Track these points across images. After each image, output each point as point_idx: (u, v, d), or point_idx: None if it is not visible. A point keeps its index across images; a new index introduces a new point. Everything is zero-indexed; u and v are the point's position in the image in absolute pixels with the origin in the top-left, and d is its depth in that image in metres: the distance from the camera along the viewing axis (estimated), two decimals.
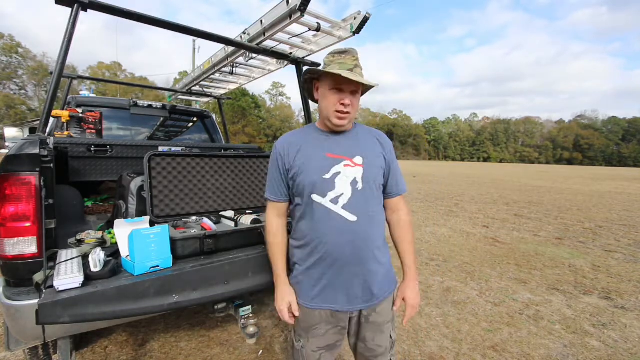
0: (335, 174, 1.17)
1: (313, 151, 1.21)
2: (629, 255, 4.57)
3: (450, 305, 2.96)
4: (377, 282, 1.21)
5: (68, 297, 1.14)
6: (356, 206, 1.16)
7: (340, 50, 1.18)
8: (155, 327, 2.49)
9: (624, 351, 2.30)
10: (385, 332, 1.28)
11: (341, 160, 1.18)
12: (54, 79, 1.57)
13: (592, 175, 26.31)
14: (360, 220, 1.16)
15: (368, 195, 1.18)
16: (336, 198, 1.16)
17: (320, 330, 1.23)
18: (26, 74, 44.08)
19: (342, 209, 1.15)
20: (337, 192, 1.16)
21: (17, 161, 1.29)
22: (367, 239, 1.17)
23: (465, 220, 6.90)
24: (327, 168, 1.17)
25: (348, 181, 1.17)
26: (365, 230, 1.16)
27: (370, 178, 1.18)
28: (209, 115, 4.37)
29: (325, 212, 1.16)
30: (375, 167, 1.21)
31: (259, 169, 2.28)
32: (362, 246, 1.16)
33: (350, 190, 1.16)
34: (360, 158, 1.19)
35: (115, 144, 2.61)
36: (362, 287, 1.19)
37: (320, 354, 1.26)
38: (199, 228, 1.65)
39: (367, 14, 2.13)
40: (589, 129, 77.82)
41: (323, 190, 1.16)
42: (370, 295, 1.21)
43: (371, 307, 1.23)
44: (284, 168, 1.23)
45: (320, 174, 1.17)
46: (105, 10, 1.71)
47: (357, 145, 1.22)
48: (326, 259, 1.17)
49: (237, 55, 2.76)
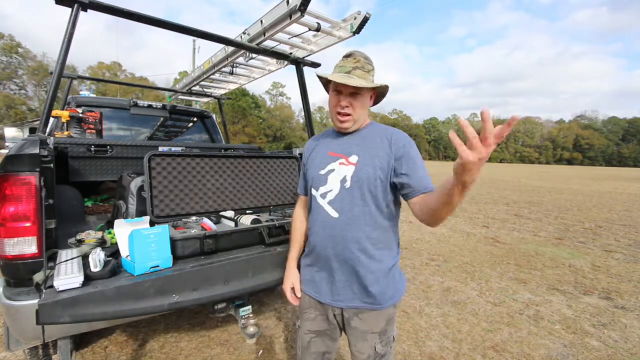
0: (330, 171, 1.23)
1: (321, 149, 1.31)
2: (629, 255, 4.57)
3: (450, 305, 2.96)
4: (361, 286, 1.18)
5: (68, 297, 1.14)
6: (340, 203, 1.19)
7: (347, 54, 1.22)
8: (155, 327, 2.49)
9: (624, 351, 2.30)
10: (368, 340, 1.21)
11: (337, 158, 1.23)
12: (54, 79, 1.58)
13: (592, 175, 26.31)
14: (341, 217, 1.18)
15: (355, 194, 1.17)
16: (325, 193, 1.23)
17: (310, 314, 1.30)
18: (26, 74, 44.08)
19: (327, 204, 1.21)
20: (327, 187, 1.22)
21: (17, 161, 1.29)
22: (347, 237, 1.17)
23: (465, 220, 6.90)
24: (324, 165, 1.25)
25: (339, 178, 1.20)
26: (345, 228, 1.17)
27: (360, 177, 1.17)
28: (209, 115, 4.37)
29: (316, 205, 1.25)
30: (370, 167, 1.16)
31: (259, 169, 2.28)
32: (341, 243, 1.18)
33: (338, 187, 1.20)
34: (356, 157, 1.20)
35: (115, 144, 2.61)
36: (344, 285, 1.20)
37: (311, 338, 1.32)
38: (199, 228, 1.65)
39: (367, 14, 2.13)
40: (589, 129, 77.83)
41: (317, 184, 1.25)
42: (351, 295, 1.19)
43: (353, 309, 1.20)
44: (304, 166, 1.39)
45: (318, 170, 1.26)
46: (105, 10, 1.71)
47: (358, 144, 1.22)
48: (315, 249, 1.26)
49: (237, 55, 2.76)
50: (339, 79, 1.12)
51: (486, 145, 0.75)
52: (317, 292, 1.27)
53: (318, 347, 1.32)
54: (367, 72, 1.17)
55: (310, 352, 1.33)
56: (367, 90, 1.19)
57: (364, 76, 1.16)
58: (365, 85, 1.12)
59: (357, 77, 1.14)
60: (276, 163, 2.38)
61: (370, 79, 1.18)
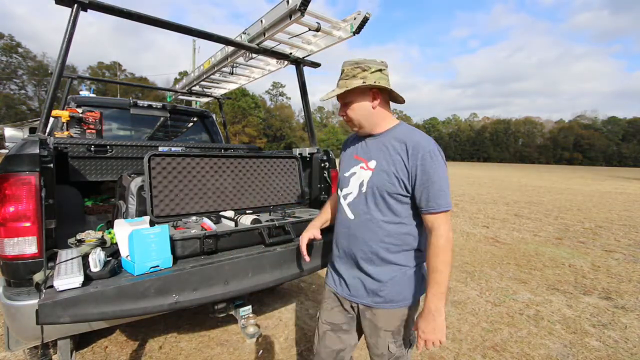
0: (352, 174, 1.29)
1: (349, 151, 1.37)
2: (629, 255, 4.57)
3: (451, 305, 2.96)
4: (372, 286, 1.21)
5: (68, 297, 1.14)
6: (356, 206, 1.25)
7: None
8: (155, 327, 2.49)
9: (624, 351, 2.30)
10: (382, 337, 1.24)
11: (359, 162, 1.28)
12: (54, 79, 1.57)
13: (592, 175, 26.31)
14: (356, 219, 1.24)
15: (369, 199, 1.20)
16: (346, 195, 1.30)
17: (328, 305, 1.38)
18: (26, 74, 44.10)
19: (347, 206, 1.29)
20: (348, 189, 1.29)
21: (17, 161, 1.29)
22: (359, 239, 1.23)
23: (466, 220, 6.90)
24: (349, 167, 1.32)
25: (358, 182, 1.25)
26: (358, 230, 1.23)
27: (375, 183, 1.19)
28: (209, 115, 4.36)
29: (340, 205, 1.33)
30: (386, 173, 1.16)
31: (259, 169, 2.28)
32: (354, 243, 1.25)
33: (357, 191, 1.25)
34: (374, 162, 1.22)
35: (115, 144, 2.61)
36: (357, 282, 1.26)
37: (326, 330, 1.37)
38: (199, 228, 1.65)
39: (367, 14, 2.13)
40: (589, 129, 77.71)
41: (342, 185, 1.33)
42: (364, 293, 1.25)
43: (367, 306, 1.24)
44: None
45: (344, 172, 1.34)
46: (105, 10, 1.71)
47: (380, 149, 1.22)
48: (336, 244, 1.35)
49: (237, 55, 2.76)
50: (324, 97, 1.27)
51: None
52: (335, 285, 1.35)
53: (333, 342, 1.36)
54: (352, 77, 1.17)
55: (324, 345, 1.38)
56: (355, 95, 1.20)
57: (345, 84, 1.18)
58: (332, 95, 1.21)
59: (340, 87, 1.19)
60: (276, 163, 2.38)
61: (356, 82, 1.15)
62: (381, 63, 1.20)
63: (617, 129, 76.81)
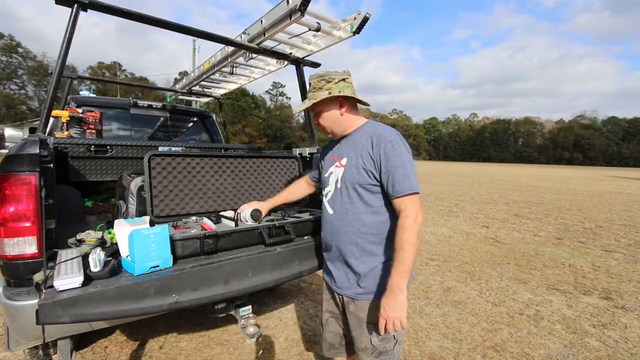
0: (330, 173, 1.40)
1: (329, 155, 1.48)
2: (629, 255, 4.57)
3: (450, 305, 2.96)
4: (354, 276, 1.30)
5: (68, 297, 1.14)
6: (334, 202, 1.36)
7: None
8: (155, 327, 2.49)
9: (624, 351, 2.30)
10: (364, 329, 1.28)
11: (335, 162, 1.39)
12: (54, 79, 1.57)
13: (592, 175, 26.31)
14: (335, 214, 1.34)
15: (344, 193, 1.31)
16: (326, 193, 1.42)
17: (326, 295, 1.51)
18: (26, 74, 44.10)
19: (327, 203, 1.40)
20: (328, 188, 1.41)
21: (17, 161, 1.29)
22: (339, 232, 1.32)
23: (466, 220, 6.90)
24: (328, 168, 1.43)
25: (334, 180, 1.37)
26: (338, 223, 1.33)
27: (347, 178, 1.30)
28: (209, 115, 4.36)
29: (322, 203, 1.45)
30: (355, 167, 1.27)
31: (259, 169, 2.28)
32: (336, 237, 1.34)
33: (334, 188, 1.37)
34: (346, 159, 1.33)
35: (115, 144, 2.61)
36: (341, 274, 1.35)
37: (328, 317, 1.51)
38: (199, 228, 1.65)
39: (367, 14, 2.13)
40: (589, 129, 77.71)
41: (324, 185, 1.45)
42: (347, 284, 1.33)
43: (350, 297, 1.32)
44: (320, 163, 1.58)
45: (324, 173, 1.46)
46: (105, 10, 1.71)
47: (350, 147, 1.34)
48: (323, 241, 1.46)
49: (237, 55, 2.76)
50: (296, 110, 1.50)
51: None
52: (327, 277, 1.47)
53: (335, 327, 1.49)
54: (318, 89, 1.30)
55: (328, 330, 1.51)
56: (323, 105, 1.33)
57: (313, 96, 1.32)
58: (302, 108, 1.39)
59: (309, 99, 1.34)
60: (276, 163, 2.38)
61: (322, 94, 1.29)
62: (344, 73, 1.31)
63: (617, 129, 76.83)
